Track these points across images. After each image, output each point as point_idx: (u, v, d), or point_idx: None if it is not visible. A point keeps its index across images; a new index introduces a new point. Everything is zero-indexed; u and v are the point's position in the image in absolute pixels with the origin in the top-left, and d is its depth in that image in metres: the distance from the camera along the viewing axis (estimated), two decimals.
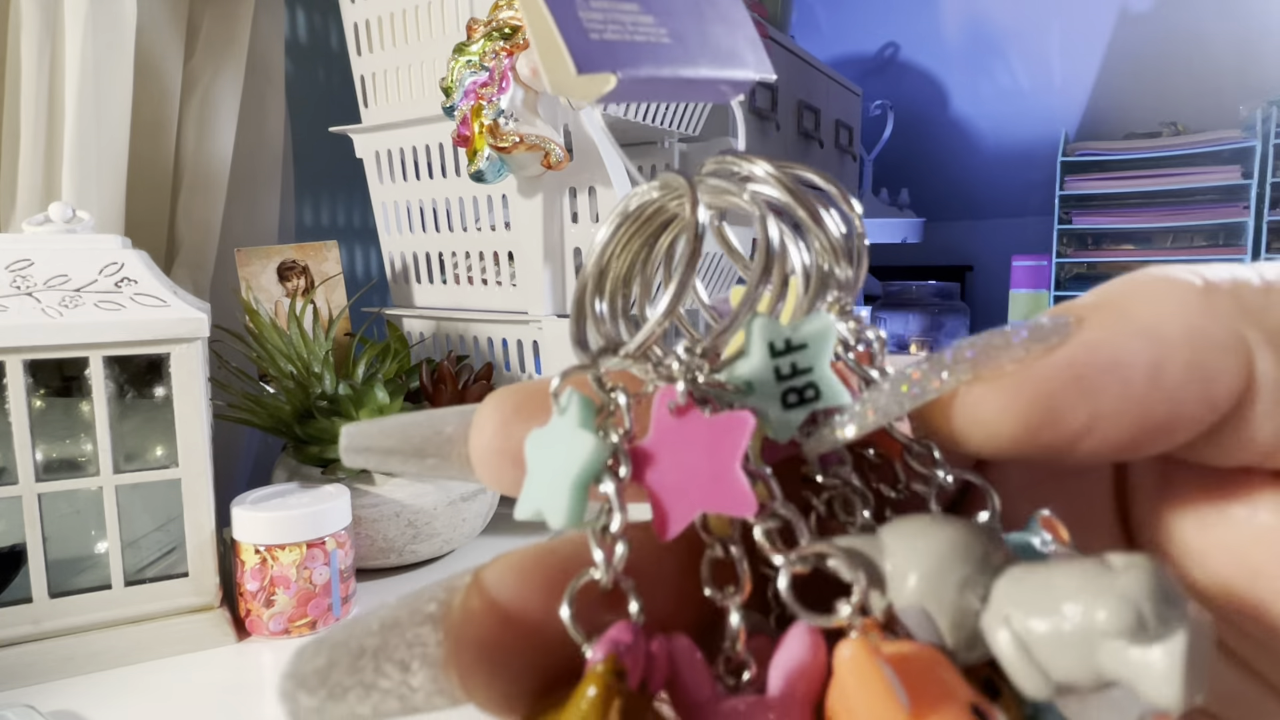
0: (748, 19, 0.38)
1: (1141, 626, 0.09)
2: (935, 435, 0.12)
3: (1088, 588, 0.09)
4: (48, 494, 0.45)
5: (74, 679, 0.45)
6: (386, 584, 0.58)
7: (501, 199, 0.69)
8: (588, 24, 0.30)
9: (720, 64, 0.34)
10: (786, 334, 0.12)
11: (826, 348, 0.12)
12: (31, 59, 0.60)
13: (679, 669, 0.11)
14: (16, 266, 0.46)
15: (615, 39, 0.31)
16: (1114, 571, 0.09)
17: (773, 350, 0.12)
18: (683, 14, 0.34)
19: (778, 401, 0.12)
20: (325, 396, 0.57)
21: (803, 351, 0.12)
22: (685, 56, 0.33)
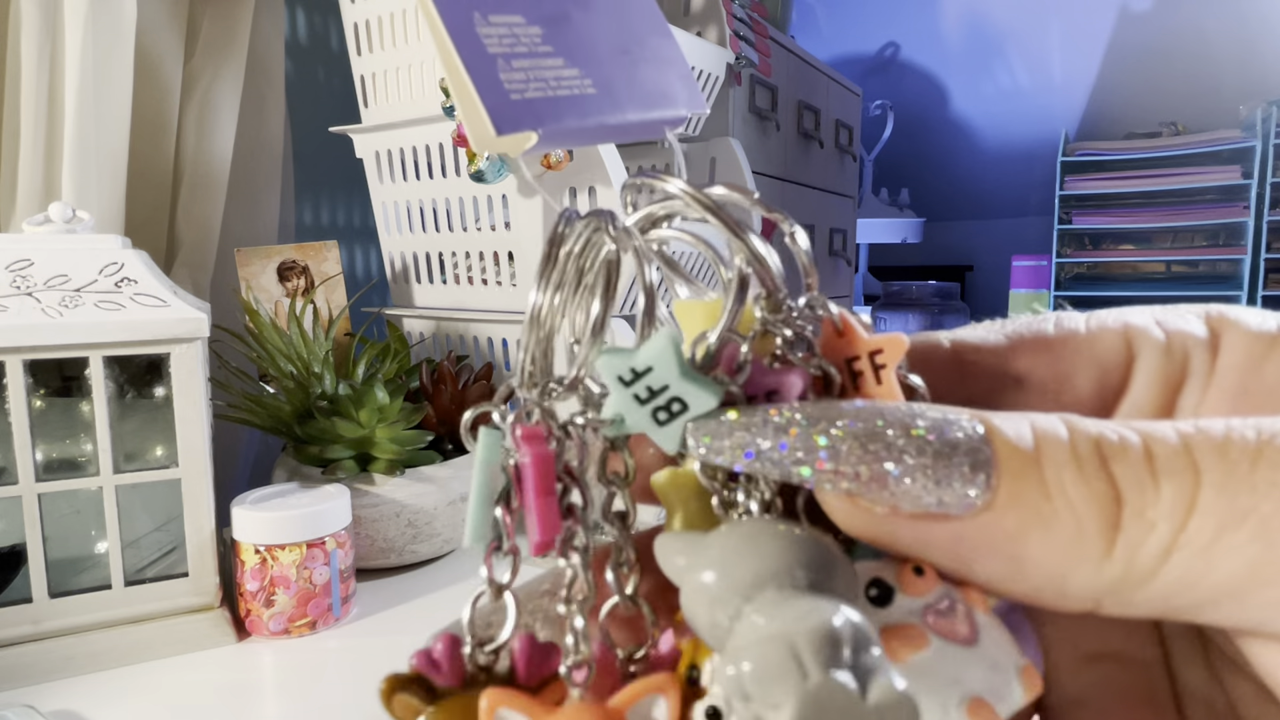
0: (679, 55, 0.38)
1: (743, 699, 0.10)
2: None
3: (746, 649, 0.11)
4: (48, 494, 0.45)
5: (74, 679, 0.45)
6: (386, 584, 0.58)
7: (501, 199, 0.69)
8: (509, 85, 0.31)
9: (649, 106, 0.35)
10: (629, 364, 0.13)
11: (671, 363, 0.13)
12: (31, 59, 0.60)
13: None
14: (16, 266, 0.46)
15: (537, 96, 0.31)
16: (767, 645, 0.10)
17: (623, 382, 0.13)
18: (609, 62, 0.35)
19: (652, 422, 0.13)
20: (325, 396, 0.57)
21: (651, 374, 0.13)
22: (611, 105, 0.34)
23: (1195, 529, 0.11)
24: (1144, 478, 0.11)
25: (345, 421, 0.56)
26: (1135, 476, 0.11)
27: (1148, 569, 0.11)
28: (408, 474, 0.57)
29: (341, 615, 0.52)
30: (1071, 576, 0.11)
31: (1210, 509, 0.11)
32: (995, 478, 0.11)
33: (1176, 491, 0.11)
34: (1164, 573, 0.11)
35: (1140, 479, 0.11)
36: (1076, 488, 0.11)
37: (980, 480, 0.11)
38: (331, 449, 0.56)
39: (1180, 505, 0.11)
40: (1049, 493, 0.11)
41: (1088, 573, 0.11)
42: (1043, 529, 0.11)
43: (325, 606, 0.50)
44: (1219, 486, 0.11)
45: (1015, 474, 0.11)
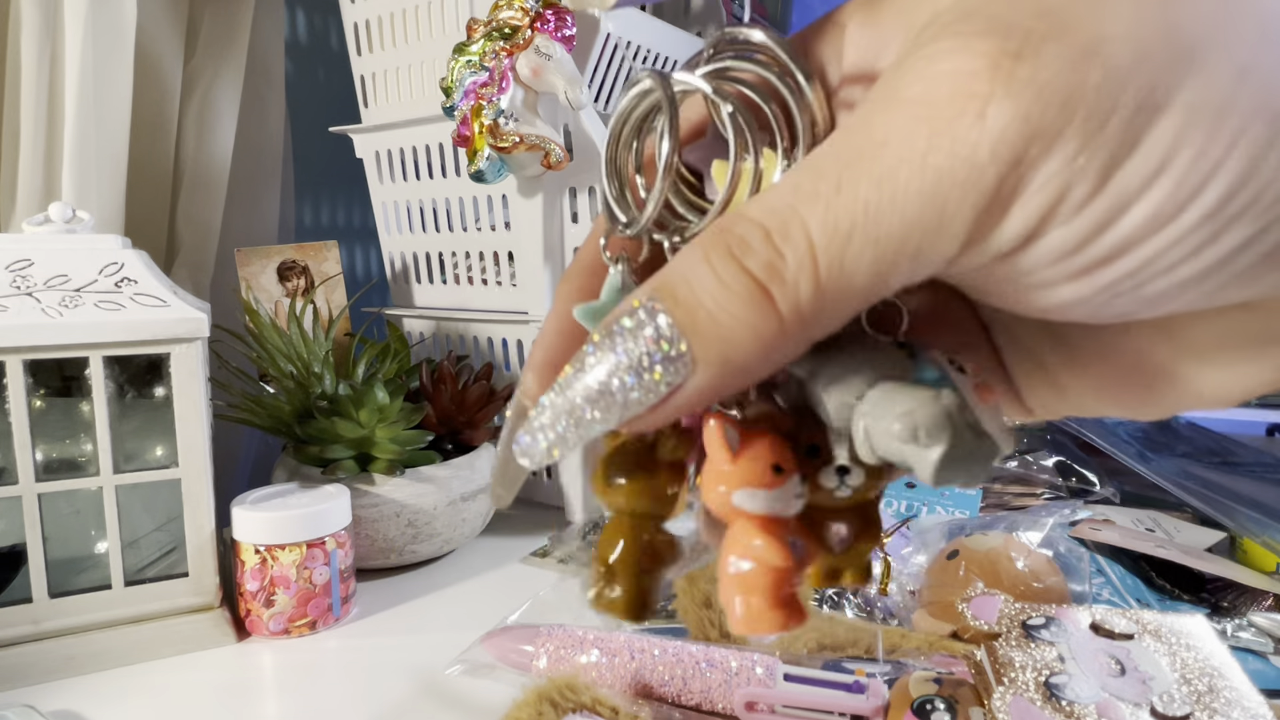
0: None
1: (914, 439, 0.14)
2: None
3: (905, 409, 0.14)
4: (48, 494, 0.45)
5: (74, 679, 0.45)
6: (386, 584, 0.58)
7: (501, 199, 0.69)
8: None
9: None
10: (593, 309, 0.18)
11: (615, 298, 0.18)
12: (31, 59, 0.60)
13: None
14: (16, 266, 0.46)
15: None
16: (929, 400, 0.14)
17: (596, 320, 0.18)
18: None
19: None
20: (325, 396, 0.57)
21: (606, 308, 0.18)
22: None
23: (825, 265, 0.14)
24: (771, 257, 0.14)
25: (345, 421, 0.56)
26: (765, 261, 0.14)
27: (813, 308, 0.14)
28: (408, 474, 0.57)
29: (341, 615, 0.52)
30: (777, 349, 0.14)
31: (825, 249, 0.14)
32: (684, 340, 0.14)
33: (795, 251, 0.14)
34: (827, 301, 0.14)
35: (769, 260, 0.14)
36: (731, 301, 0.14)
37: (675, 352, 0.14)
38: (331, 449, 0.56)
39: (805, 259, 0.14)
40: (717, 320, 0.14)
41: (780, 344, 0.14)
42: (732, 344, 0.14)
43: (325, 606, 0.50)
44: (822, 225, 0.14)
45: (691, 327, 0.14)
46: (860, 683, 0.37)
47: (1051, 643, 0.36)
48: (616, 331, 0.15)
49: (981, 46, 0.13)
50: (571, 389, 0.15)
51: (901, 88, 0.14)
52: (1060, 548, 0.52)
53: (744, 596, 0.15)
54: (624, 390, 0.15)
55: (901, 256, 0.14)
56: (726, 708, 0.38)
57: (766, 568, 0.15)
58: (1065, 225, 0.13)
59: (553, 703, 0.36)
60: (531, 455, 0.16)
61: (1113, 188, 0.13)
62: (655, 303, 0.15)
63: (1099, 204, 0.13)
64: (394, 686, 0.44)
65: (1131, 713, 0.32)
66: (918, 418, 0.14)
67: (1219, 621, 0.48)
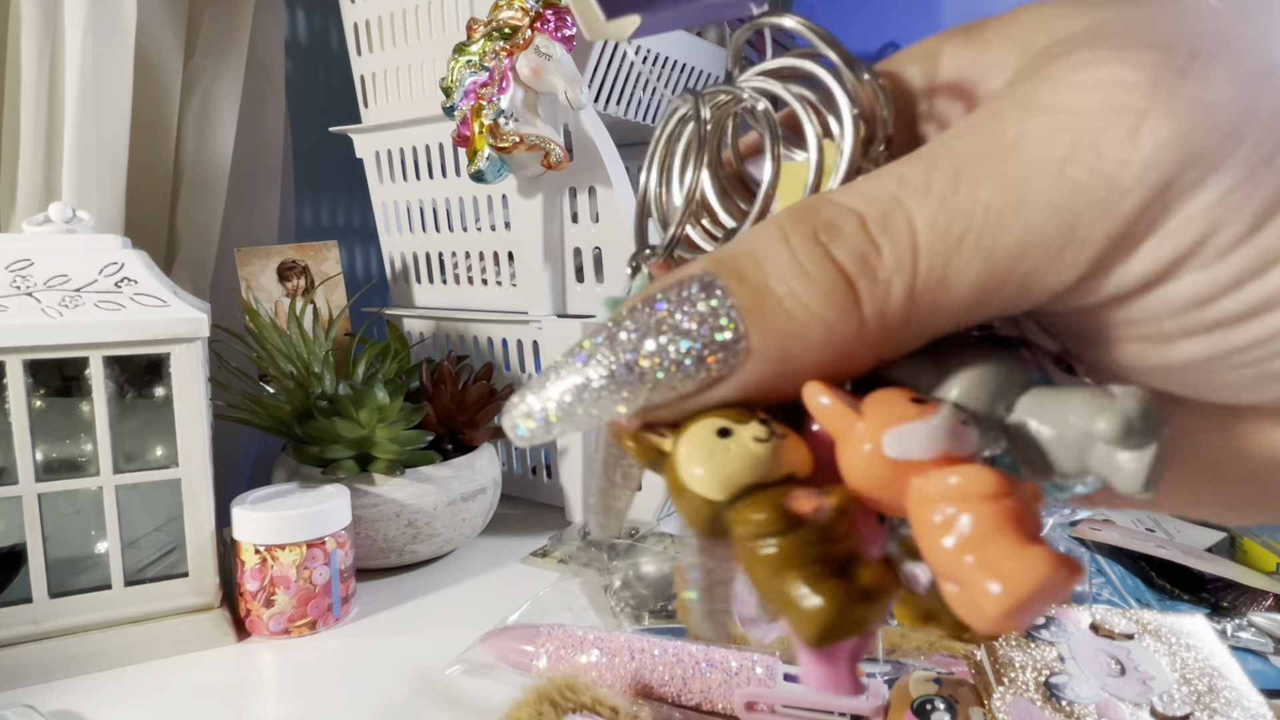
0: None
1: (1130, 434, 0.11)
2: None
3: (1095, 405, 0.12)
4: (48, 494, 0.45)
5: (74, 679, 0.45)
6: (386, 584, 0.58)
7: (501, 199, 0.69)
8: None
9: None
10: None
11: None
12: (31, 59, 0.60)
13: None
14: (16, 266, 0.46)
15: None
16: (1114, 396, 0.12)
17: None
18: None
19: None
20: (325, 396, 0.57)
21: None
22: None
23: (925, 269, 0.12)
24: (865, 248, 0.12)
25: (345, 421, 0.56)
26: (856, 251, 0.12)
27: (900, 316, 0.12)
28: (408, 474, 0.57)
29: (341, 615, 0.52)
30: (844, 360, 0.12)
31: (930, 249, 0.12)
32: (742, 324, 0.12)
33: (896, 246, 0.12)
34: (916, 312, 0.12)
35: (861, 251, 0.12)
36: (808, 290, 0.12)
37: (730, 337, 0.12)
38: (331, 449, 0.56)
39: (904, 256, 0.12)
40: (787, 309, 0.12)
41: (851, 351, 0.12)
42: (798, 339, 0.12)
43: (325, 606, 0.50)
44: (931, 223, 0.12)
45: (754, 311, 0.12)
46: (860, 683, 0.37)
47: (1051, 643, 0.36)
48: (659, 298, 0.13)
49: (1142, 58, 0.11)
50: (594, 360, 0.13)
51: (1039, 93, 0.12)
52: (1060, 547, 0.52)
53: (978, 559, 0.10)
54: (656, 369, 0.12)
55: (1012, 277, 0.12)
56: (726, 708, 0.38)
57: (982, 499, 0.11)
58: (1203, 270, 0.11)
59: (553, 703, 0.36)
60: (529, 428, 0.13)
61: (1269, 234, 0.11)
62: (715, 277, 0.12)
63: (1248, 251, 0.11)
64: (394, 686, 0.44)
65: (1131, 713, 0.32)
66: (1126, 408, 0.11)
67: (1219, 621, 0.48)
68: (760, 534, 0.12)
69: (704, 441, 0.12)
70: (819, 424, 0.13)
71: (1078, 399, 0.12)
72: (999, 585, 0.10)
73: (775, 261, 0.12)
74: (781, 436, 0.12)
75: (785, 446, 0.12)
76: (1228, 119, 0.11)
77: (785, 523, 0.12)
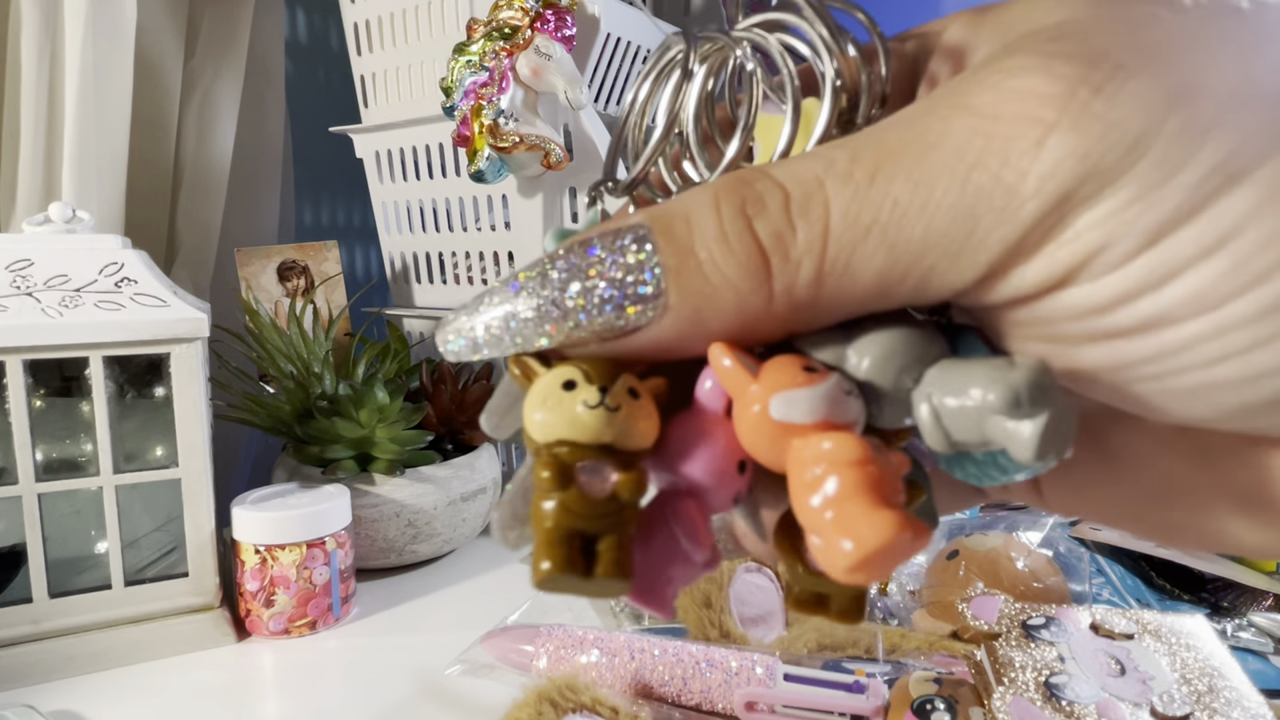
0: None
1: (1017, 405, 0.12)
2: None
3: (991, 377, 0.12)
4: (48, 494, 0.45)
5: (74, 679, 0.45)
6: (386, 584, 0.58)
7: (501, 199, 0.69)
8: None
9: None
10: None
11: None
12: (31, 59, 0.60)
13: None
14: (16, 266, 0.46)
15: None
16: (1012, 367, 0.12)
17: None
18: None
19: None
20: (325, 396, 0.57)
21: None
22: None
23: (832, 255, 0.12)
24: (782, 227, 0.13)
25: (345, 421, 0.56)
26: (774, 229, 0.13)
27: (807, 297, 0.13)
28: (408, 474, 0.57)
29: (341, 615, 0.52)
30: (753, 328, 0.13)
31: (839, 238, 0.12)
32: (664, 281, 0.13)
33: (809, 230, 0.12)
34: (823, 296, 0.13)
35: (779, 230, 0.13)
36: (726, 259, 0.13)
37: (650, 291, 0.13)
38: (331, 449, 0.56)
39: (816, 241, 0.12)
40: (705, 273, 0.13)
41: (764, 319, 0.13)
42: (711, 303, 0.13)
43: (325, 606, 0.50)
44: (844, 211, 0.12)
45: (676, 271, 0.13)
46: (860, 683, 0.37)
47: (1051, 643, 0.36)
48: (594, 243, 0.13)
49: (1063, 70, 0.12)
50: (525, 291, 0.13)
51: (969, 94, 0.12)
52: (1060, 547, 0.52)
53: (836, 517, 0.12)
54: (580, 311, 0.13)
55: (912, 272, 0.12)
56: (726, 708, 0.38)
57: (847, 464, 0.12)
58: (1096, 281, 0.12)
59: (553, 703, 0.36)
60: (457, 346, 0.14)
61: (1159, 252, 0.11)
62: (648, 231, 0.13)
63: (1138, 266, 0.12)
64: (394, 686, 0.44)
65: (1131, 713, 0.32)
66: (1014, 381, 0.12)
67: (1219, 621, 0.48)
68: (541, 486, 0.13)
69: (548, 389, 0.13)
70: (720, 381, 0.14)
71: (979, 371, 0.13)
72: (850, 543, 0.11)
73: (703, 226, 0.13)
74: (614, 409, 0.13)
75: (614, 418, 0.13)
76: (1130, 136, 0.11)
77: (561, 485, 0.13)
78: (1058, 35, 0.12)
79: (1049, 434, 0.12)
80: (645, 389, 0.14)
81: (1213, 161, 0.11)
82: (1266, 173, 0.11)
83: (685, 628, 0.45)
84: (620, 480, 0.13)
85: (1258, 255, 0.11)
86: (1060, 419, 0.12)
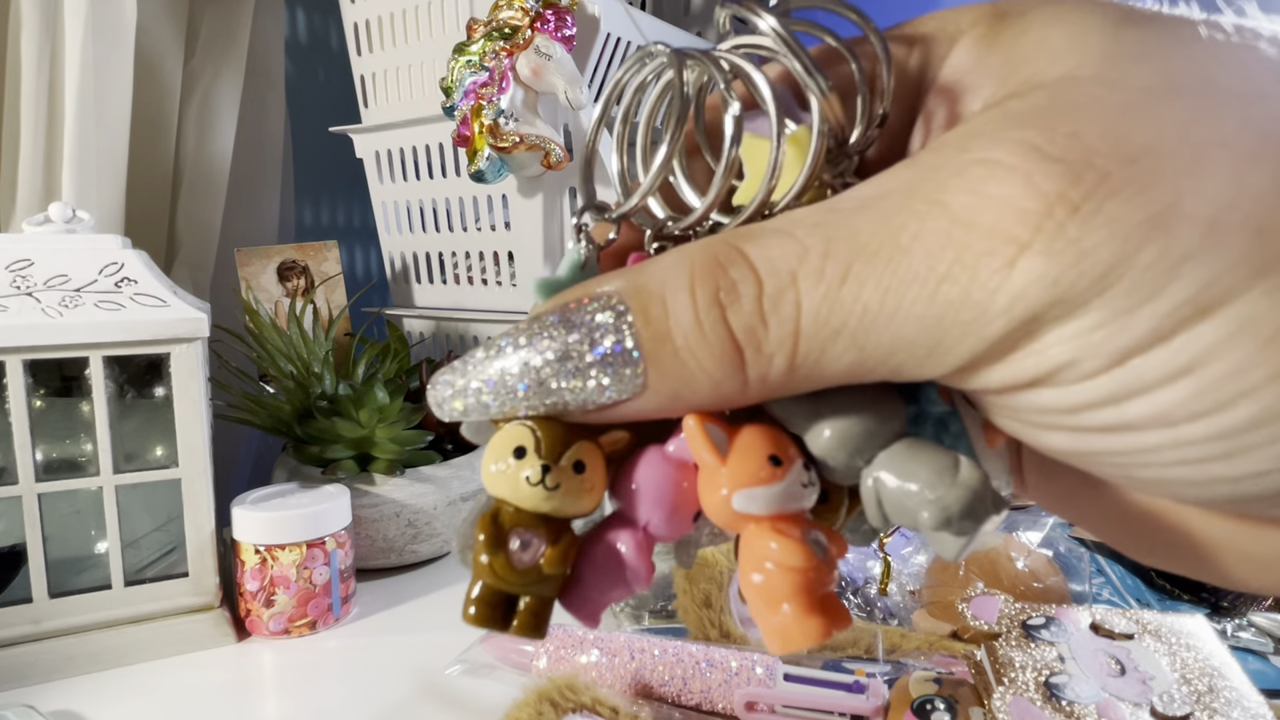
0: None
1: (947, 525, 0.13)
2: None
3: (930, 482, 0.13)
4: (48, 494, 0.45)
5: (74, 679, 0.45)
6: (386, 584, 0.58)
7: (501, 199, 0.69)
8: None
9: None
10: (550, 284, 0.16)
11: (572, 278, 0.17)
12: (31, 59, 0.60)
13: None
14: (16, 266, 0.46)
15: None
16: (953, 480, 0.13)
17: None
18: None
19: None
20: (325, 396, 0.57)
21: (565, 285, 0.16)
22: None
23: (804, 351, 0.13)
24: (755, 323, 0.13)
25: (345, 421, 0.56)
26: (748, 324, 0.13)
27: (780, 383, 0.13)
28: (408, 474, 0.57)
29: (341, 615, 0.52)
30: (729, 404, 0.14)
31: (810, 337, 0.13)
32: (643, 364, 0.13)
33: (781, 328, 0.13)
34: (794, 382, 0.13)
35: (752, 325, 0.13)
36: (701, 349, 0.13)
37: (629, 373, 0.14)
38: (331, 449, 0.56)
39: (787, 340, 0.13)
40: (682, 360, 0.13)
41: (738, 401, 0.14)
42: (689, 387, 0.14)
43: (325, 606, 0.50)
44: (815, 313, 0.13)
45: (654, 356, 0.13)
46: (860, 683, 0.37)
47: (1051, 643, 0.36)
48: (575, 320, 0.14)
49: (1044, 185, 0.12)
50: (509, 356, 0.14)
51: (949, 189, 0.12)
52: (1060, 547, 0.52)
53: (771, 609, 0.14)
54: (563, 381, 0.14)
55: (880, 368, 0.13)
56: (726, 708, 0.38)
57: (788, 570, 0.14)
58: (1060, 388, 0.12)
59: (553, 703, 0.36)
60: (441, 407, 0.15)
61: (1125, 371, 0.12)
62: (626, 309, 0.14)
63: (1103, 381, 0.12)
64: (394, 686, 0.44)
65: (1131, 713, 0.32)
66: (949, 504, 0.13)
67: (1219, 621, 0.48)
68: (478, 542, 0.14)
69: (500, 448, 0.15)
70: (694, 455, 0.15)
71: (926, 469, 0.13)
72: (777, 640, 0.14)
73: (679, 312, 0.13)
74: (552, 488, 0.14)
75: (552, 495, 0.14)
76: (1101, 265, 0.11)
77: (492, 549, 0.14)
78: (1050, 117, 0.12)
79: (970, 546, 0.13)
80: (596, 455, 0.15)
81: (1185, 294, 0.11)
82: (1239, 307, 0.11)
83: (685, 628, 0.45)
84: (546, 555, 0.14)
85: (1222, 385, 0.11)
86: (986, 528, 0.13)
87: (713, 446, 0.14)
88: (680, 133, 0.16)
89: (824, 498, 0.15)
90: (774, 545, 0.14)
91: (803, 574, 0.14)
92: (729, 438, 0.14)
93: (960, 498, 0.13)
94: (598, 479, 0.15)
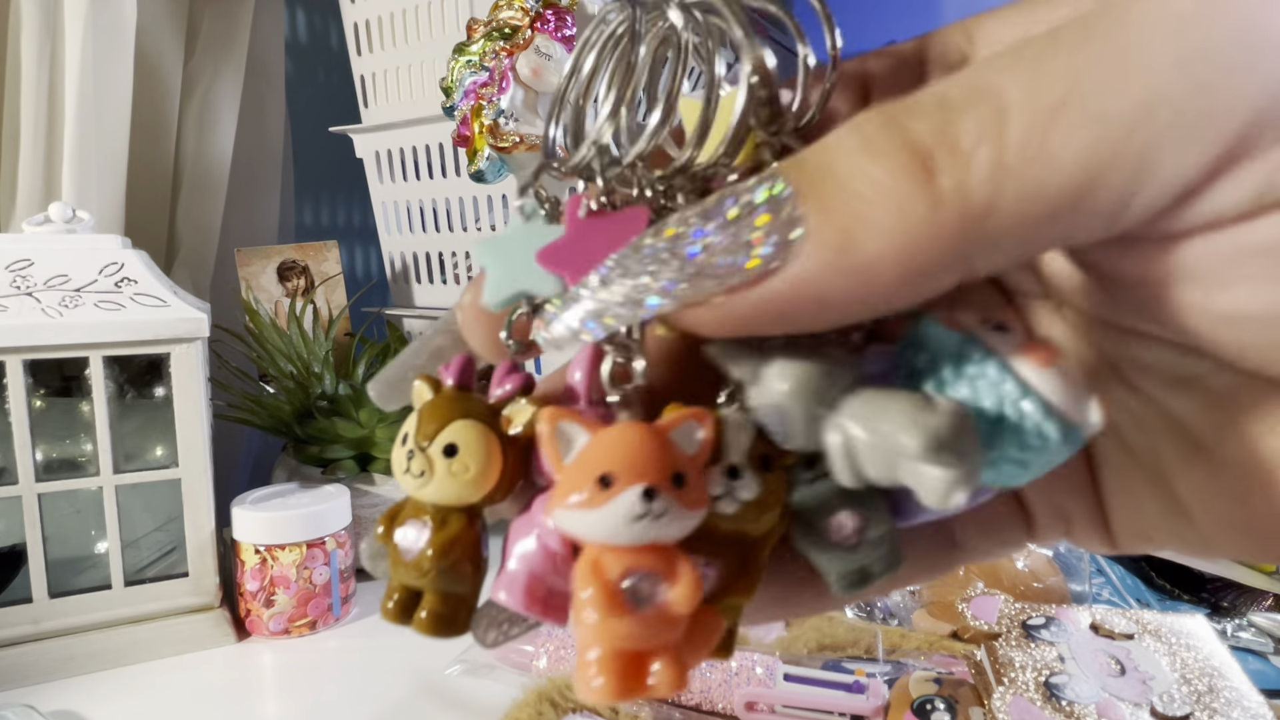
0: None
1: (936, 450, 0.11)
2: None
3: (911, 418, 0.11)
4: (48, 494, 0.45)
5: (74, 679, 0.45)
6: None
7: (501, 199, 0.69)
8: None
9: None
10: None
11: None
12: (31, 59, 0.60)
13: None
14: (16, 266, 0.46)
15: None
16: (933, 409, 0.11)
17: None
18: None
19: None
20: (325, 396, 0.57)
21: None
22: None
23: (1015, 137, 0.10)
24: (943, 120, 0.10)
25: (345, 421, 0.56)
26: (934, 124, 0.10)
27: (984, 198, 0.10)
28: None
29: (341, 615, 0.52)
30: (919, 262, 0.10)
31: (1022, 109, 0.10)
32: (800, 205, 0.10)
33: (983, 112, 0.10)
34: (1007, 190, 0.10)
35: (940, 123, 0.10)
36: (877, 163, 0.10)
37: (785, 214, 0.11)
38: (331, 449, 0.56)
39: (990, 122, 0.10)
40: (852, 186, 0.10)
41: (932, 242, 0.10)
42: (864, 222, 0.10)
43: (325, 606, 0.50)
44: (1025, 88, 0.10)
45: (813, 189, 0.10)
46: (860, 683, 0.37)
47: (1051, 643, 0.36)
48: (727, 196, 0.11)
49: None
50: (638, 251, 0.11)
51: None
52: (1060, 547, 0.52)
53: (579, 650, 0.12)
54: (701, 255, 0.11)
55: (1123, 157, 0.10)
56: (726, 708, 0.38)
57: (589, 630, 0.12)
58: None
59: (553, 703, 0.36)
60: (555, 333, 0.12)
61: None
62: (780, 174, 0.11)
63: None
64: (394, 686, 0.44)
65: (1131, 713, 0.32)
66: (935, 426, 0.11)
67: (1219, 621, 0.48)
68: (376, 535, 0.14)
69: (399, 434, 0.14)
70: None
71: (896, 406, 0.12)
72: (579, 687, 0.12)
73: (844, 143, 0.11)
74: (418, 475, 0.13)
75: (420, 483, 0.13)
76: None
77: (385, 539, 0.14)
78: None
79: (959, 483, 0.11)
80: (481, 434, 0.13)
81: None
82: None
83: None
84: (426, 543, 0.13)
85: None
86: (976, 465, 0.11)
87: (555, 450, 0.12)
88: (630, 80, 0.14)
89: (767, 463, 0.13)
90: (584, 594, 0.12)
91: (599, 629, 0.12)
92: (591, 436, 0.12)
93: (946, 422, 0.11)
94: (481, 462, 0.13)
